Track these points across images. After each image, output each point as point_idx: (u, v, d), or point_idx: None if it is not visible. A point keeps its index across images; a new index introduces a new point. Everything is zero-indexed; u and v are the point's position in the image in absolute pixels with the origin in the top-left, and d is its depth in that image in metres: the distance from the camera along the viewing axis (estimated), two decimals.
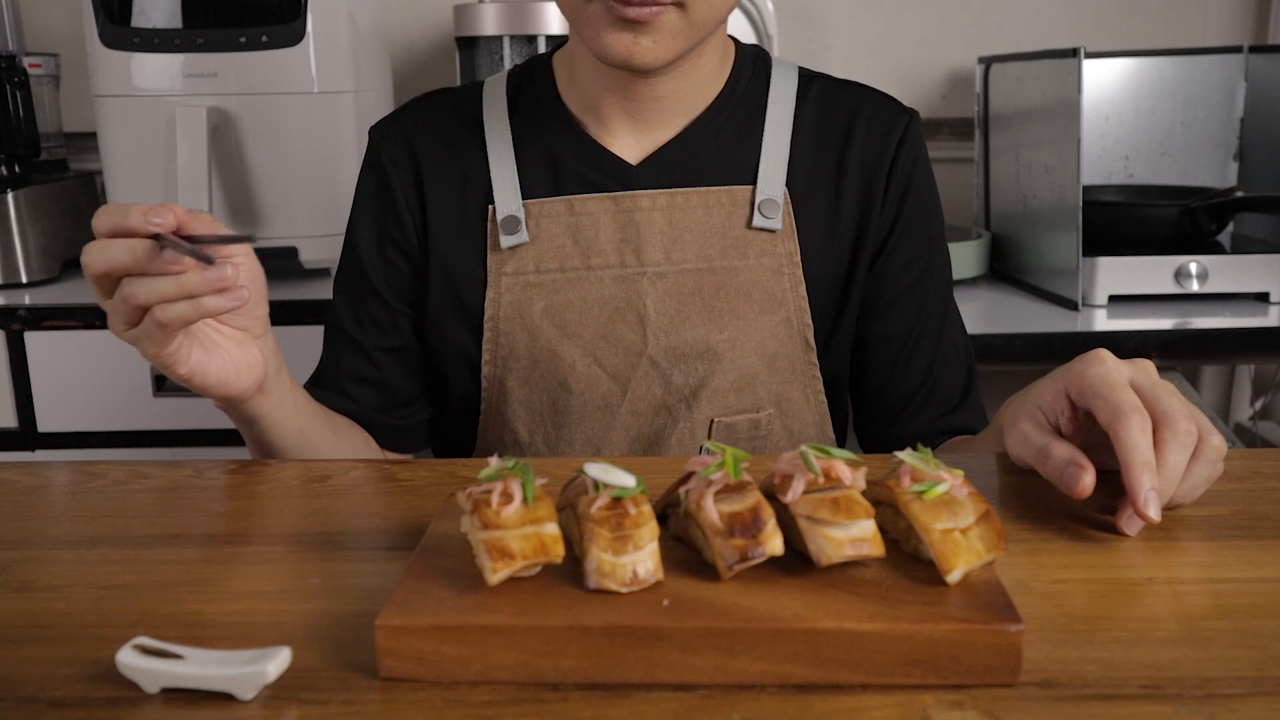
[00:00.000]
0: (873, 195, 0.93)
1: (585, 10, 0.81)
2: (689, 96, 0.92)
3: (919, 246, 0.96)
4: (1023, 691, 0.47)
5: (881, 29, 2.00)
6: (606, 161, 0.92)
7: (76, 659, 0.51)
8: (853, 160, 0.93)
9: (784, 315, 0.92)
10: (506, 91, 0.96)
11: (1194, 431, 0.63)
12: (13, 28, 1.84)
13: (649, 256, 0.91)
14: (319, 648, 0.51)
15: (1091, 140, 1.86)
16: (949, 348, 0.98)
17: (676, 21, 0.80)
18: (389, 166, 0.96)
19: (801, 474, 0.54)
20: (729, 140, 0.93)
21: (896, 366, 0.97)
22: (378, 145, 0.98)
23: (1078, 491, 0.64)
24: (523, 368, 0.93)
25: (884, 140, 0.94)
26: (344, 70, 1.58)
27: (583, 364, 0.91)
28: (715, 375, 0.91)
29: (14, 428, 1.54)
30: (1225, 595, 0.56)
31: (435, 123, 0.96)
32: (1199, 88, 1.84)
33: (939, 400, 0.97)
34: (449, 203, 0.94)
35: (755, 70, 0.96)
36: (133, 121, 1.54)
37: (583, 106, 0.93)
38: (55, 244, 1.69)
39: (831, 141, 0.94)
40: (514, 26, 1.67)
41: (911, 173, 0.95)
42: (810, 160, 0.93)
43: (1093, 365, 0.66)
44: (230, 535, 0.66)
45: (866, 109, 0.95)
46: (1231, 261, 1.56)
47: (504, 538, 0.51)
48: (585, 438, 0.93)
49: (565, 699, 0.47)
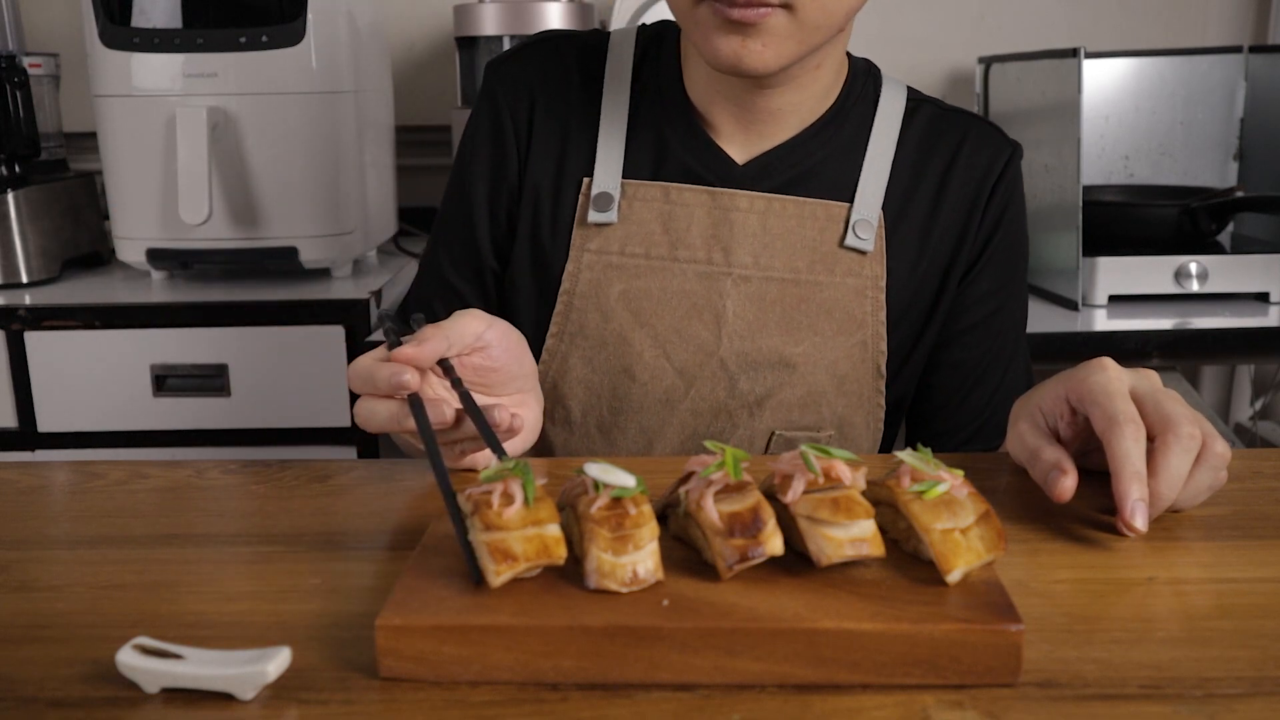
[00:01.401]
0: (967, 226, 0.92)
1: (694, 14, 0.78)
2: (803, 110, 0.90)
3: (1001, 281, 0.95)
4: (1023, 691, 0.47)
5: (881, 29, 2.00)
6: (713, 157, 0.90)
7: (76, 659, 0.51)
8: (952, 189, 0.92)
9: (861, 338, 0.91)
10: (634, 54, 0.93)
11: (1198, 436, 0.63)
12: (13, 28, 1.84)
13: (737, 258, 0.89)
14: (319, 648, 0.51)
15: (1091, 140, 1.86)
16: (1012, 384, 0.96)
17: (785, 25, 0.77)
18: (504, 108, 0.94)
19: (801, 474, 0.54)
20: (834, 154, 0.91)
21: (956, 395, 0.96)
22: (494, 84, 0.95)
23: (1057, 494, 0.64)
24: (589, 346, 0.91)
25: (985, 172, 0.93)
26: (344, 70, 1.58)
27: (651, 354, 0.90)
28: (784, 388, 0.90)
29: (14, 428, 1.54)
30: (1226, 595, 0.56)
31: (556, 70, 0.94)
32: (1199, 88, 1.84)
33: (989, 434, 0.97)
34: (549, 159, 0.93)
35: (865, 86, 0.94)
36: (133, 121, 1.54)
37: (699, 97, 0.91)
38: (55, 244, 1.69)
39: (933, 168, 0.92)
40: (514, 26, 1.67)
41: (1006, 205, 0.94)
42: (909, 184, 0.92)
43: (1094, 373, 0.66)
44: (230, 535, 0.66)
45: (971, 138, 0.93)
46: (1231, 261, 1.56)
47: (506, 539, 0.51)
48: (640, 428, 0.92)
49: (565, 699, 0.47)
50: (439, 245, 0.98)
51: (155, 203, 1.57)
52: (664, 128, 0.91)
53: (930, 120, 0.94)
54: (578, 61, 0.94)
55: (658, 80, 0.92)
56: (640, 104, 0.92)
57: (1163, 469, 0.62)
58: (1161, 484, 0.61)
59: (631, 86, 0.92)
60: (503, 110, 0.94)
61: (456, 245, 0.97)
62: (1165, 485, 0.61)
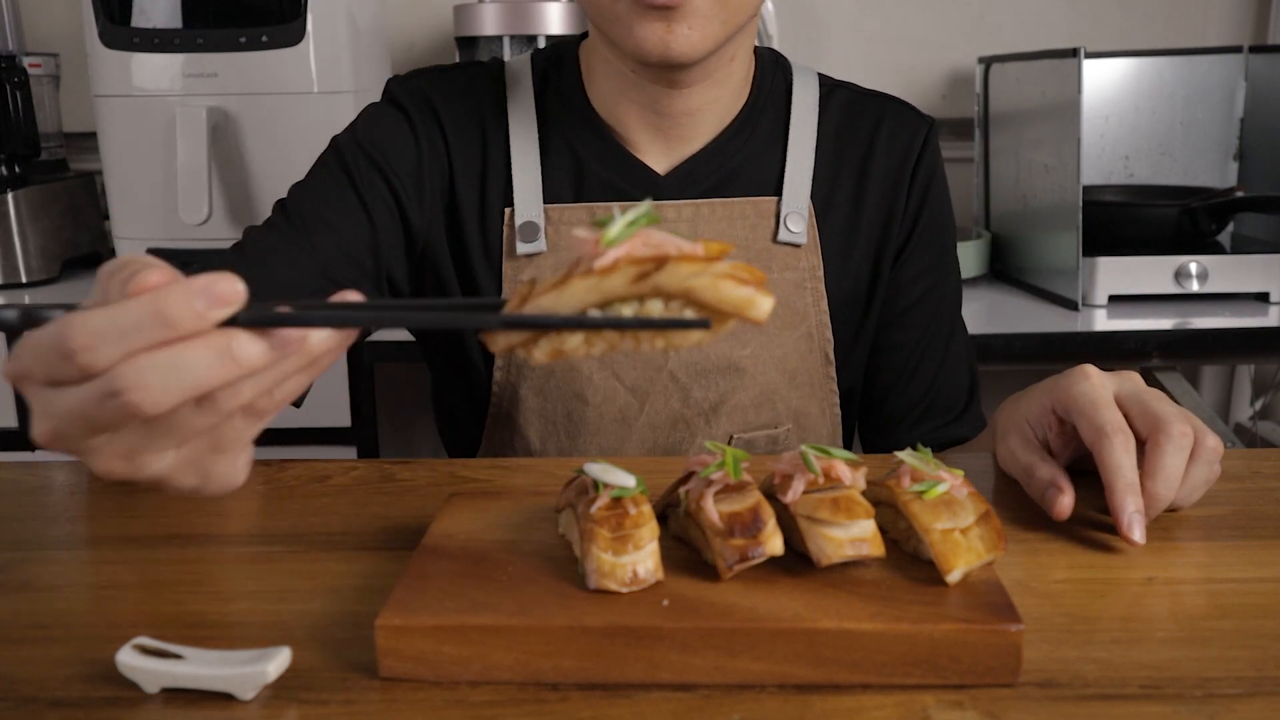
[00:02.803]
0: (894, 206, 0.92)
1: (614, 7, 0.77)
2: (719, 108, 0.89)
3: (932, 258, 0.95)
4: (1023, 691, 0.47)
5: (881, 29, 2.00)
6: (634, 170, 0.89)
7: (76, 659, 0.51)
8: (875, 171, 0.92)
9: (805, 330, 0.91)
10: (532, 78, 0.91)
11: (1189, 433, 0.63)
12: (12, 28, 1.84)
13: None
14: (319, 648, 0.51)
15: (1091, 140, 1.86)
16: (954, 360, 0.97)
17: (709, 4, 0.75)
18: (418, 125, 0.89)
19: (801, 474, 0.54)
20: (756, 151, 0.91)
21: (902, 377, 0.96)
22: (401, 97, 0.91)
23: (1055, 513, 0.64)
24: (537, 376, 0.90)
25: (905, 150, 0.92)
26: (344, 70, 1.58)
27: (600, 376, 0.89)
28: (737, 391, 0.90)
29: (14, 428, 1.54)
30: (1225, 595, 0.56)
31: (463, 98, 0.90)
32: (1199, 88, 1.84)
33: (941, 411, 0.97)
34: (469, 192, 0.90)
35: (775, 78, 0.93)
36: (133, 121, 1.54)
37: (608, 111, 0.89)
38: (55, 244, 1.69)
39: (854, 153, 0.92)
40: (514, 26, 1.67)
41: (929, 182, 0.94)
42: (832, 172, 0.92)
43: (1077, 382, 0.66)
44: (230, 535, 0.66)
45: (888, 119, 0.93)
46: (1231, 261, 1.56)
47: None
48: (600, 448, 0.91)
49: (565, 699, 0.47)
50: (278, 235, 0.86)
51: (155, 203, 1.57)
52: (577, 148, 0.89)
53: (846, 105, 0.93)
54: (482, 89, 0.91)
55: (562, 102, 0.90)
56: (549, 128, 0.90)
57: (1158, 469, 0.62)
58: (1158, 485, 0.61)
59: (537, 112, 0.90)
60: (416, 124, 0.89)
61: (293, 244, 0.85)
62: (1162, 486, 0.61)
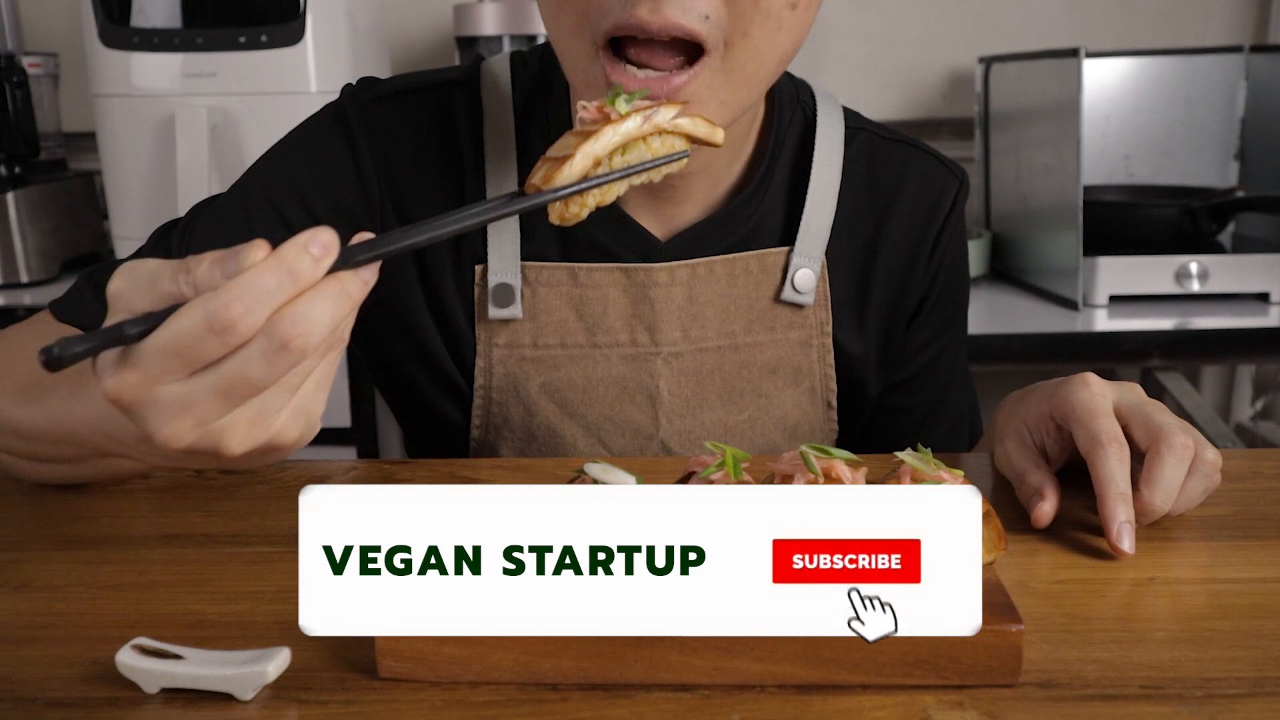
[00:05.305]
0: (914, 265, 0.84)
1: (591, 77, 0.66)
2: (715, 170, 0.78)
3: (942, 326, 0.88)
4: (1023, 691, 0.47)
5: (881, 28, 2.00)
6: (630, 233, 0.78)
7: (76, 659, 0.51)
8: (896, 226, 0.83)
9: (809, 385, 0.83)
10: (514, 103, 0.79)
11: (1190, 445, 0.62)
12: (12, 27, 1.84)
13: (664, 336, 0.79)
14: (319, 648, 0.51)
15: (1092, 140, 1.86)
16: (955, 418, 0.91)
17: (711, 86, 0.65)
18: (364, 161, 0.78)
19: (801, 474, 0.54)
20: (771, 210, 0.81)
21: (905, 437, 0.89)
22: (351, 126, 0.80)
23: (1034, 519, 0.64)
24: (517, 440, 0.82)
25: (931, 211, 0.84)
26: (344, 70, 1.58)
27: (585, 443, 0.81)
28: None
29: None
30: (1225, 595, 0.56)
31: (432, 130, 0.79)
32: (1199, 88, 1.84)
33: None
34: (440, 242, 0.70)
35: (794, 117, 0.82)
36: (132, 121, 1.54)
37: None
38: (55, 244, 1.69)
39: (874, 204, 0.83)
40: (514, 26, 1.67)
41: (952, 246, 0.86)
42: (849, 222, 0.82)
43: (1077, 390, 0.65)
44: (230, 535, 0.66)
45: (914, 173, 0.84)
46: (1231, 261, 1.56)
47: None
48: None
49: (565, 699, 0.47)
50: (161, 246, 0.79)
51: (154, 202, 1.57)
52: None
53: (868, 151, 0.83)
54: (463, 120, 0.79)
55: (549, 139, 0.73)
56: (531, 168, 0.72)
57: (1157, 480, 0.61)
58: (1156, 495, 0.61)
59: (517, 147, 0.78)
60: (364, 165, 0.78)
61: None
62: (1159, 496, 0.61)
